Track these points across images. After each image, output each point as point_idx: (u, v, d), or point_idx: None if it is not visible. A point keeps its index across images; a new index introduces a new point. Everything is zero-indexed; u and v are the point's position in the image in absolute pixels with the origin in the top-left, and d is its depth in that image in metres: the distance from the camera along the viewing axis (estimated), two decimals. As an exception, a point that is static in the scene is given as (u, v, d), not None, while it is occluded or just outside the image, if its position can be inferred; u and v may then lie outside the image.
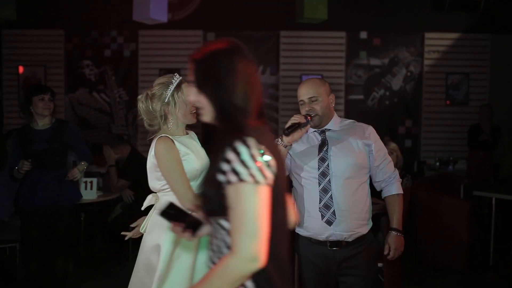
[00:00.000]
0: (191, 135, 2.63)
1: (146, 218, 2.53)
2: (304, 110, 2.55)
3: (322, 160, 2.48)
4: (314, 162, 2.49)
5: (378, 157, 2.58)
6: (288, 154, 2.57)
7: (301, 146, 2.58)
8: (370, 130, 2.60)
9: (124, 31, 8.27)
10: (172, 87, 2.48)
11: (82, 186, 4.60)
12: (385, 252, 2.65)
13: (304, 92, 2.56)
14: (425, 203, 5.12)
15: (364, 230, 2.54)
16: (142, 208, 2.57)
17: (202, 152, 2.56)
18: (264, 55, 8.28)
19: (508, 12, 7.76)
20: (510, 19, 7.84)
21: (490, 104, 8.19)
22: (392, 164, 2.65)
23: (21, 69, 8.33)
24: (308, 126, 2.46)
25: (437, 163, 7.32)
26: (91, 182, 4.63)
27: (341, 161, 2.47)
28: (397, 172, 2.67)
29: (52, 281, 3.79)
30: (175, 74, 2.55)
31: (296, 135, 2.40)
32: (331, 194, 2.45)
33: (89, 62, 8.36)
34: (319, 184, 2.46)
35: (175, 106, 2.46)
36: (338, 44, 8.24)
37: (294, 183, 2.62)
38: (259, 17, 8.02)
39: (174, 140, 2.40)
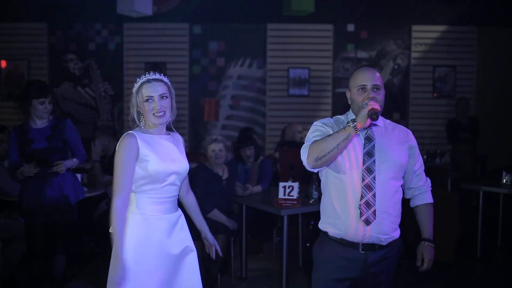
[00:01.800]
0: (173, 136, 2.53)
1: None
2: (362, 96, 2.33)
3: (369, 155, 2.30)
4: (360, 156, 2.30)
5: (418, 162, 2.48)
6: (327, 130, 2.38)
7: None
8: (412, 134, 2.49)
9: (108, 24, 8.15)
10: (136, 85, 2.44)
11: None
12: (418, 264, 2.55)
13: (370, 77, 2.35)
14: (413, 196, 5.11)
15: (397, 234, 2.42)
16: None
17: (175, 155, 2.45)
18: (251, 48, 8.22)
19: (494, 5, 7.78)
20: (497, 11, 7.86)
21: (477, 97, 8.24)
22: (423, 168, 2.53)
23: (3, 64, 8.17)
24: (377, 116, 2.29)
25: (424, 156, 7.33)
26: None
27: (387, 159, 2.31)
28: (429, 180, 2.58)
29: (51, 279, 3.75)
30: (150, 72, 2.45)
31: (368, 121, 2.22)
32: (375, 192, 2.27)
33: (73, 56, 8.23)
34: (363, 180, 2.27)
35: (136, 104, 2.42)
36: (325, 37, 8.20)
37: (329, 175, 2.38)
38: (246, 10, 7.95)
39: (139, 139, 2.36)
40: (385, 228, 2.31)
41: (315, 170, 2.35)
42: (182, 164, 2.46)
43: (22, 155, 3.57)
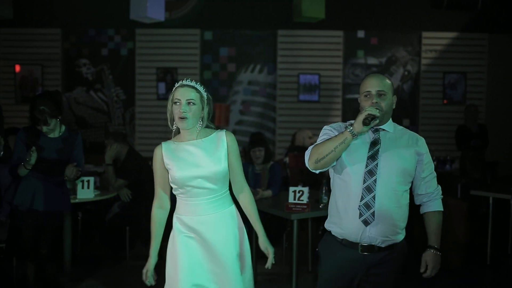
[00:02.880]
0: (208, 140, 2.56)
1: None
2: (368, 102, 2.40)
3: (372, 158, 2.39)
4: (363, 159, 2.39)
5: (427, 169, 2.50)
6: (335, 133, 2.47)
7: (352, 142, 2.40)
8: (423, 141, 2.53)
9: (121, 29, 8.26)
10: (172, 90, 2.55)
11: (79, 185, 4.58)
12: (422, 270, 2.60)
13: (375, 84, 2.43)
14: (422, 202, 5.12)
15: (398, 238, 2.47)
16: None
17: (200, 160, 2.50)
18: (262, 54, 8.28)
19: (505, 12, 7.78)
20: (508, 18, 7.86)
21: (487, 103, 8.23)
22: (436, 180, 2.56)
23: (17, 68, 8.30)
24: (377, 121, 2.34)
25: (434, 162, 7.31)
26: (88, 181, 4.61)
27: (391, 163, 2.38)
28: (440, 188, 2.60)
29: (44, 285, 3.79)
30: (186, 78, 2.55)
31: (366, 127, 2.29)
32: (375, 194, 2.36)
33: (86, 61, 8.34)
34: (364, 182, 2.37)
35: (170, 109, 2.51)
36: (335, 43, 8.24)
37: (335, 176, 2.51)
38: (256, 16, 8.02)
39: (165, 149, 2.56)
40: (384, 231, 2.39)
41: (317, 171, 2.46)
42: (208, 168, 2.48)
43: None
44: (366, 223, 2.36)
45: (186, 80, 2.52)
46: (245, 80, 8.34)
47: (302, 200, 4.09)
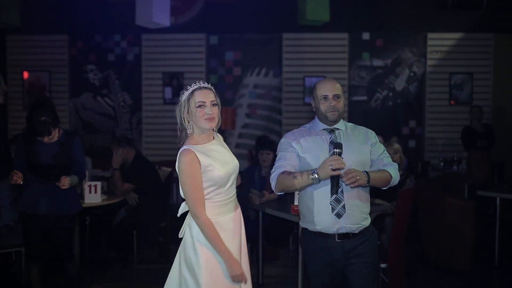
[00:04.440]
0: (217, 140, 2.64)
1: (184, 223, 2.63)
2: (325, 105, 2.68)
3: None
4: (325, 159, 2.55)
5: (377, 152, 2.75)
6: (295, 154, 2.70)
7: (311, 144, 2.70)
8: (373, 133, 2.80)
9: (127, 35, 8.32)
10: (187, 93, 2.53)
11: (86, 189, 4.62)
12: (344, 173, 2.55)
13: (330, 88, 2.69)
14: (429, 203, 5.11)
15: (367, 222, 2.72)
16: (178, 215, 2.65)
17: (228, 156, 2.59)
18: (267, 58, 8.30)
19: (511, 11, 7.74)
20: (513, 18, 7.82)
21: (494, 103, 8.19)
22: (390, 159, 2.78)
23: (25, 75, 8.39)
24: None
25: (441, 163, 7.30)
26: (95, 186, 4.65)
27: (350, 158, 2.58)
28: (395, 164, 2.78)
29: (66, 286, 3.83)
30: (200, 81, 2.57)
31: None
32: (342, 189, 2.59)
33: (93, 67, 8.41)
34: (331, 179, 2.53)
35: (188, 112, 2.50)
36: (340, 45, 8.25)
37: None
38: (261, 20, 8.05)
39: (197, 152, 2.45)
40: (355, 219, 2.64)
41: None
42: (235, 162, 2.61)
43: (27, 165, 3.58)
44: (338, 216, 2.61)
45: (200, 82, 2.55)
46: (251, 83, 8.37)
47: (308, 202, 4.09)
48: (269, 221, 4.81)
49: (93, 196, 4.64)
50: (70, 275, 3.76)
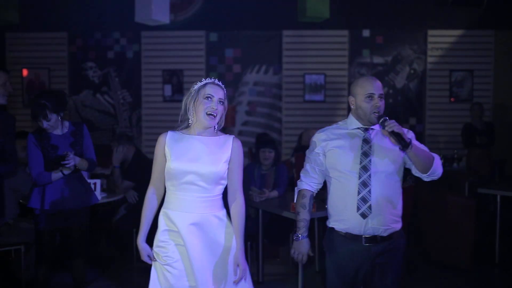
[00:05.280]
0: (219, 140, 2.56)
1: None
2: (370, 104, 2.57)
3: (365, 155, 2.56)
4: (357, 157, 2.56)
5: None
6: (321, 156, 2.67)
7: (344, 141, 2.63)
8: (407, 131, 2.60)
9: (127, 32, 8.30)
10: (199, 84, 2.55)
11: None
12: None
13: (377, 87, 2.61)
14: (430, 201, 5.10)
15: (398, 226, 2.63)
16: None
17: (200, 156, 2.49)
18: (267, 55, 8.29)
19: (511, 8, 7.72)
20: (514, 15, 7.80)
21: (495, 101, 8.18)
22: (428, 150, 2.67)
23: (25, 72, 8.37)
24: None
25: (442, 160, 7.28)
26: (95, 184, 4.63)
27: (383, 157, 2.56)
28: (436, 155, 2.69)
29: (73, 283, 3.83)
30: (216, 79, 2.59)
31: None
32: (370, 189, 2.53)
33: (93, 64, 8.39)
34: (359, 177, 2.53)
35: (194, 102, 2.51)
36: (340, 42, 8.23)
37: (331, 177, 2.66)
38: (261, 17, 8.03)
39: (169, 136, 2.55)
40: (385, 220, 2.56)
41: None
42: (205, 166, 2.47)
43: (46, 161, 3.55)
44: (363, 216, 2.53)
45: (217, 80, 2.58)
46: (251, 81, 8.35)
47: (308, 200, 4.08)
48: (269, 219, 4.80)
49: (92, 194, 4.62)
50: (77, 272, 3.76)
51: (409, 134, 2.58)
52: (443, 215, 4.91)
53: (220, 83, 2.57)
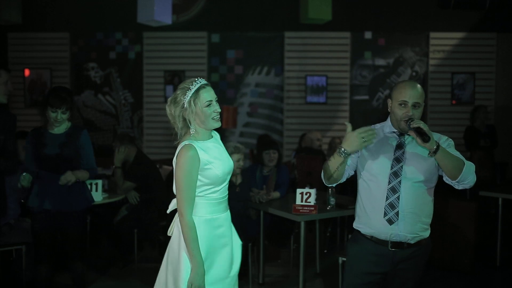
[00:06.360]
0: (215, 137, 2.62)
1: (172, 221, 2.57)
2: (402, 111, 2.47)
3: (397, 160, 2.50)
4: (388, 162, 2.51)
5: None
6: (354, 155, 2.59)
7: (377, 145, 2.58)
8: (446, 138, 2.58)
9: (129, 33, 8.31)
10: (189, 93, 2.44)
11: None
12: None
13: (412, 95, 2.47)
14: (431, 204, 5.09)
15: (426, 234, 2.57)
16: (168, 211, 2.62)
17: (225, 155, 2.56)
18: (269, 56, 8.29)
19: (513, 11, 7.72)
20: (516, 18, 7.80)
21: (497, 103, 8.17)
22: (463, 158, 2.60)
23: (27, 72, 8.37)
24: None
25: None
26: (96, 184, 4.64)
27: (415, 164, 2.49)
28: (470, 163, 2.63)
29: (73, 285, 3.83)
30: (197, 78, 2.50)
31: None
32: (399, 195, 2.47)
33: (94, 65, 8.40)
34: (389, 183, 2.48)
35: (192, 112, 2.44)
36: (342, 44, 8.23)
37: (361, 179, 2.63)
38: (263, 18, 8.04)
39: (198, 148, 2.40)
40: (413, 228, 2.49)
41: (334, 185, 2.69)
42: (231, 162, 2.59)
43: (36, 159, 3.57)
44: (390, 222, 2.48)
45: (198, 79, 2.47)
46: (253, 82, 8.35)
47: (310, 202, 4.08)
48: (270, 221, 4.80)
49: (94, 194, 4.61)
50: (75, 275, 3.76)
51: (447, 142, 2.53)
52: (444, 218, 4.90)
53: (205, 81, 2.49)
